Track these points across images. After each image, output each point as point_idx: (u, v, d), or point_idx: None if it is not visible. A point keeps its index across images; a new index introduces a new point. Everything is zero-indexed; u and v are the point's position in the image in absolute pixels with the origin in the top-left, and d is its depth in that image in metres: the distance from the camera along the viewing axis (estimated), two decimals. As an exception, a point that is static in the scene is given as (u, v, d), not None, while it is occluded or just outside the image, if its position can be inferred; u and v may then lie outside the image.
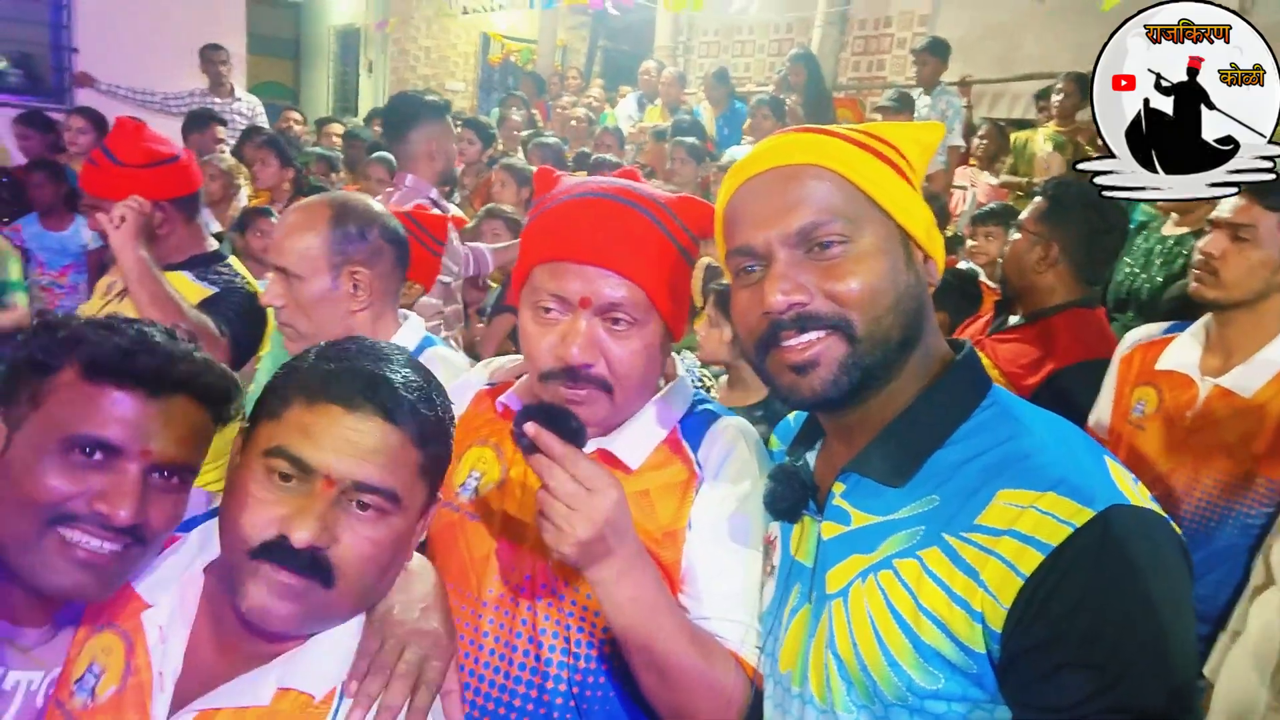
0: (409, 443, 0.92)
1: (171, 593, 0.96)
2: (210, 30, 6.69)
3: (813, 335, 0.91)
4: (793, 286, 0.90)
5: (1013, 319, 2.45)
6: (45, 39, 6.88)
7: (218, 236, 3.38)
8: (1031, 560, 0.80)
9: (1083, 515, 0.80)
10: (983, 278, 3.39)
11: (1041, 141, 4.83)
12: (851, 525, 0.95)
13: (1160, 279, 3.18)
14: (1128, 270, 3.30)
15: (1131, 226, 3.56)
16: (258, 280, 2.28)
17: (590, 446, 1.14)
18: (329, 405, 0.89)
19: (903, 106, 5.29)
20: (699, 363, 2.60)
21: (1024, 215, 2.44)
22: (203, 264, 2.18)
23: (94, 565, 0.90)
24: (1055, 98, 4.82)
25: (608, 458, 1.15)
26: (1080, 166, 1.64)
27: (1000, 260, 2.52)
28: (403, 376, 0.93)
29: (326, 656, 0.92)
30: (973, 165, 5.39)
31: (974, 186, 5.22)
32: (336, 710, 0.90)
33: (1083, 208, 2.42)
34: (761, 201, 0.95)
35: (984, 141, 5.49)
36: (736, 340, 1.04)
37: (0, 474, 0.91)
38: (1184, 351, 2.00)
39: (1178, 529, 0.86)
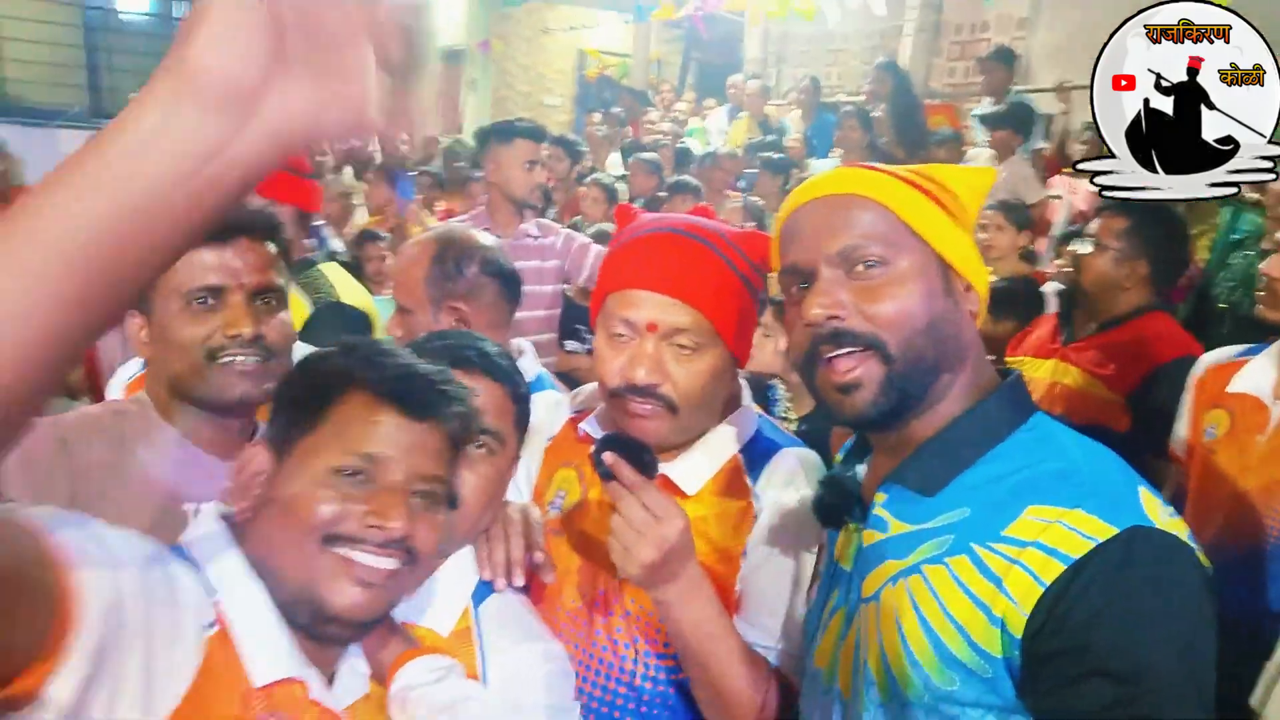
0: (507, 398, 1.18)
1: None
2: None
3: (849, 350, 0.96)
4: (831, 302, 0.97)
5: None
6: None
7: (332, 255, 3.59)
8: (1053, 570, 0.84)
9: (1106, 532, 0.84)
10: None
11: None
12: (889, 533, 1.00)
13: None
14: (1230, 285, 3.19)
15: (1234, 238, 3.41)
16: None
17: None
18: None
19: (1005, 121, 4.94)
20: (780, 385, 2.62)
21: (1096, 228, 2.41)
22: None
23: (371, 583, 0.93)
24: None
25: (666, 483, 1.20)
26: (1080, 166, 1.61)
27: (1071, 272, 2.49)
28: (495, 348, 1.20)
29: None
30: (1066, 173, 5.19)
31: (1073, 194, 5.02)
32: None
33: (1162, 221, 2.41)
34: (810, 225, 1.02)
35: (1086, 148, 5.27)
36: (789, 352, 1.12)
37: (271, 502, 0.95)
38: (1257, 374, 1.94)
39: (1206, 560, 0.88)
